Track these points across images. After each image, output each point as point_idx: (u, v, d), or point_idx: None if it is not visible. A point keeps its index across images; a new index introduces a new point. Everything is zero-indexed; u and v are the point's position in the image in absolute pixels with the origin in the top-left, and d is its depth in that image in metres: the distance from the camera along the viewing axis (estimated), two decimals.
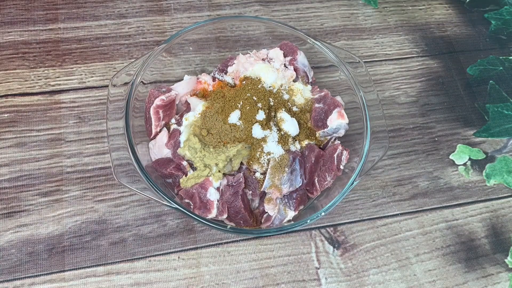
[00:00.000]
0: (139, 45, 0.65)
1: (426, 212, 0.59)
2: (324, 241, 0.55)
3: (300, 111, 0.55)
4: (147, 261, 0.51)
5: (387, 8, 0.75)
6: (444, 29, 0.75)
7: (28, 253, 0.50)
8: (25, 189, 0.53)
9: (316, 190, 0.53)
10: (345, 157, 0.53)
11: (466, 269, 0.56)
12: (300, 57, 0.58)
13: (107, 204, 0.54)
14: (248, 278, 0.52)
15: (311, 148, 0.53)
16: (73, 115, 0.58)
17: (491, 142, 0.65)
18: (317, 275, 0.53)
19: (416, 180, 0.61)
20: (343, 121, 0.54)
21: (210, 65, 0.62)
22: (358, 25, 0.72)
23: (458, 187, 0.61)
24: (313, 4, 0.73)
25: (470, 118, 0.67)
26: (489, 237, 0.58)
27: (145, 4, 0.69)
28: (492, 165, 0.63)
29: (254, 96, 0.53)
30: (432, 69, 0.70)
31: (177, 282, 0.51)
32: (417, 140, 0.64)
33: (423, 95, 0.68)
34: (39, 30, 0.64)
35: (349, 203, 0.58)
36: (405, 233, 0.57)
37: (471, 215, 0.59)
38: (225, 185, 0.50)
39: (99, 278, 0.50)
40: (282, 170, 0.51)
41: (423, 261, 0.55)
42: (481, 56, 0.73)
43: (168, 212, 0.54)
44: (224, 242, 0.53)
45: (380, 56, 0.70)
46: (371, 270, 0.54)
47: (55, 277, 0.49)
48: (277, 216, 0.51)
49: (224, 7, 0.70)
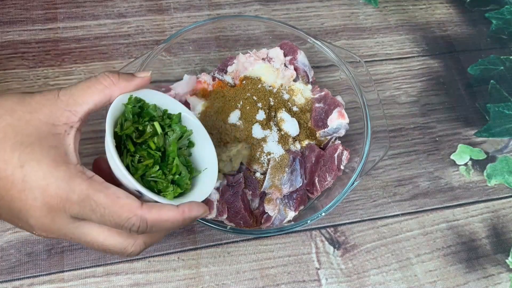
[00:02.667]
0: (138, 45, 0.65)
1: (427, 212, 0.58)
2: (324, 241, 0.55)
3: (300, 111, 0.55)
4: (146, 262, 0.51)
5: (388, 8, 0.75)
6: (444, 28, 0.74)
7: (27, 254, 0.50)
8: None
9: (317, 190, 0.53)
10: (346, 157, 0.52)
11: (467, 270, 0.55)
12: (300, 56, 0.58)
13: None
14: (248, 279, 0.52)
15: (311, 148, 0.53)
16: None
17: (492, 142, 0.65)
18: (317, 276, 0.53)
19: (417, 180, 0.61)
20: (343, 121, 0.54)
21: (210, 64, 0.62)
22: (359, 24, 0.72)
23: (459, 187, 0.61)
24: (313, 3, 0.73)
25: (471, 118, 0.67)
26: (490, 237, 0.58)
27: (144, 4, 0.68)
28: (493, 165, 0.63)
29: (254, 96, 0.52)
30: (433, 68, 0.70)
31: (177, 283, 0.50)
32: (417, 140, 0.64)
33: (424, 95, 0.67)
34: (38, 30, 0.64)
35: (349, 203, 0.58)
36: (405, 233, 0.57)
37: (472, 215, 0.59)
38: (225, 185, 0.50)
39: (99, 279, 0.50)
40: (282, 170, 0.51)
41: (424, 262, 0.55)
42: (482, 55, 0.72)
43: None
44: (224, 243, 0.53)
45: (380, 56, 0.70)
46: (371, 271, 0.54)
47: (54, 278, 0.49)
48: (277, 217, 0.51)
49: (224, 6, 0.70)
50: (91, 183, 0.33)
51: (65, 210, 0.33)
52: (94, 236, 0.35)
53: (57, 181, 0.33)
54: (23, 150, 0.33)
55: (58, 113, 0.35)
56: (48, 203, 0.33)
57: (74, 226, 0.35)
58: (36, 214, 0.33)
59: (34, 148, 0.33)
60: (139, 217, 0.34)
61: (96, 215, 0.33)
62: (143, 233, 0.35)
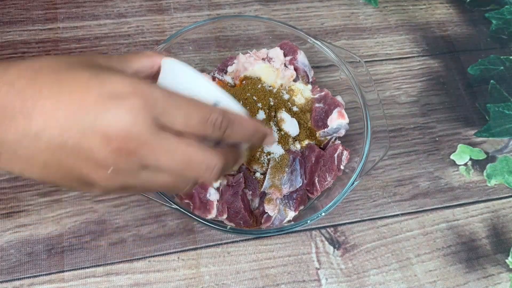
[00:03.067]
0: (138, 45, 0.65)
1: (427, 212, 0.58)
2: (324, 241, 0.55)
3: (300, 111, 0.55)
4: (146, 262, 0.51)
5: (388, 8, 0.75)
6: (444, 28, 0.74)
7: (27, 254, 0.50)
8: (24, 189, 0.53)
9: (317, 190, 0.53)
10: (346, 157, 0.52)
11: (467, 270, 0.55)
12: (300, 56, 0.58)
13: (106, 204, 0.53)
14: (248, 279, 0.52)
15: (311, 148, 0.53)
16: None
17: (492, 142, 0.65)
18: (317, 276, 0.53)
19: (417, 180, 0.61)
20: (343, 121, 0.54)
21: (209, 64, 0.62)
22: (359, 24, 0.72)
23: (459, 187, 0.61)
24: (313, 3, 0.73)
25: (471, 118, 0.67)
26: (490, 237, 0.58)
27: (144, 4, 0.68)
28: (493, 165, 0.63)
29: (254, 96, 0.52)
30: (433, 68, 0.70)
31: (177, 283, 0.50)
32: (417, 140, 0.64)
33: (424, 95, 0.67)
34: (38, 30, 0.64)
35: (349, 203, 0.58)
36: (405, 233, 0.57)
37: (472, 215, 0.59)
38: (225, 185, 0.50)
39: (99, 279, 0.50)
40: (282, 170, 0.51)
41: (424, 262, 0.55)
42: (482, 55, 0.72)
43: (168, 212, 0.54)
44: (224, 243, 0.53)
45: (380, 56, 0.70)
46: (371, 271, 0.54)
47: (54, 278, 0.49)
48: (277, 217, 0.51)
49: (224, 6, 0.70)
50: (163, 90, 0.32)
51: (150, 110, 0.30)
52: (177, 142, 0.32)
53: (139, 84, 0.31)
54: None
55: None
56: (133, 104, 0.30)
57: (155, 133, 0.31)
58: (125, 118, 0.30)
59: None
60: (221, 111, 0.33)
61: (180, 113, 0.32)
62: (224, 132, 0.34)
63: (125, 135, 0.30)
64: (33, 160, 0.31)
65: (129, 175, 0.32)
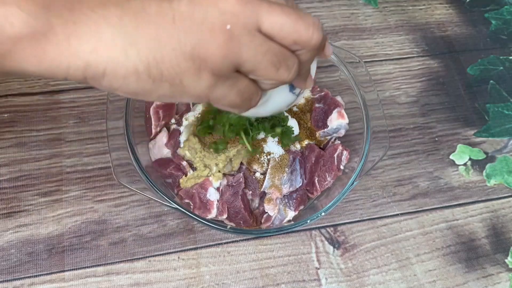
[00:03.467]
0: None
1: (426, 212, 0.59)
2: (324, 241, 0.55)
3: (300, 111, 0.55)
4: (147, 261, 0.51)
5: (387, 8, 0.75)
6: (444, 29, 0.74)
7: (28, 253, 0.50)
8: (25, 189, 0.53)
9: (316, 190, 0.53)
10: (345, 157, 0.53)
11: (466, 269, 0.55)
12: None
13: (107, 204, 0.54)
14: (248, 278, 0.52)
15: (311, 148, 0.53)
16: (73, 115, 0.58)
17: (491, 142, 0.65)
18: (317, 275, 0.53)
19: (417, 180, 0.61)
20: (343, 121, 0.54)
21: None
22: (358, 25, 0.72)
23: (459, 187, 0.61)
24: (313, 4, 0.73)
25: (471, 118, 0.67)
26: (489, 237, 0.58)
27: None
28: (492, 165, 0.63)
29: None
30: (433, 69, 0.70)
31: (177, 283, 0.51)
32: (417, 140, 0.64)
33: (424, 95, 0.68)
34: None
35: (349, 203, 0.58)
36: (405, 233, 0.57)
37: (472, 215, 0.59)
38: (225, 185, 0.50)
39: (99, 278, 0.50)
40: (282, 170, 0.51)
41: (424, 261, 0.55)
42: (482, 56, 0.73)
43: (168, 212, 0.54)
44: (224, 242, 0.53)
45: (380, 56, 0.70)
46: (371, 270, 0.54)
47: (54, 277, 0.49)
48: (277, 216, 0.51)
49: None
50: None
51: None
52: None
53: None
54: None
55: None
56: None
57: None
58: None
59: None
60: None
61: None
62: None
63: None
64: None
65: (244, 37, 0.30)
